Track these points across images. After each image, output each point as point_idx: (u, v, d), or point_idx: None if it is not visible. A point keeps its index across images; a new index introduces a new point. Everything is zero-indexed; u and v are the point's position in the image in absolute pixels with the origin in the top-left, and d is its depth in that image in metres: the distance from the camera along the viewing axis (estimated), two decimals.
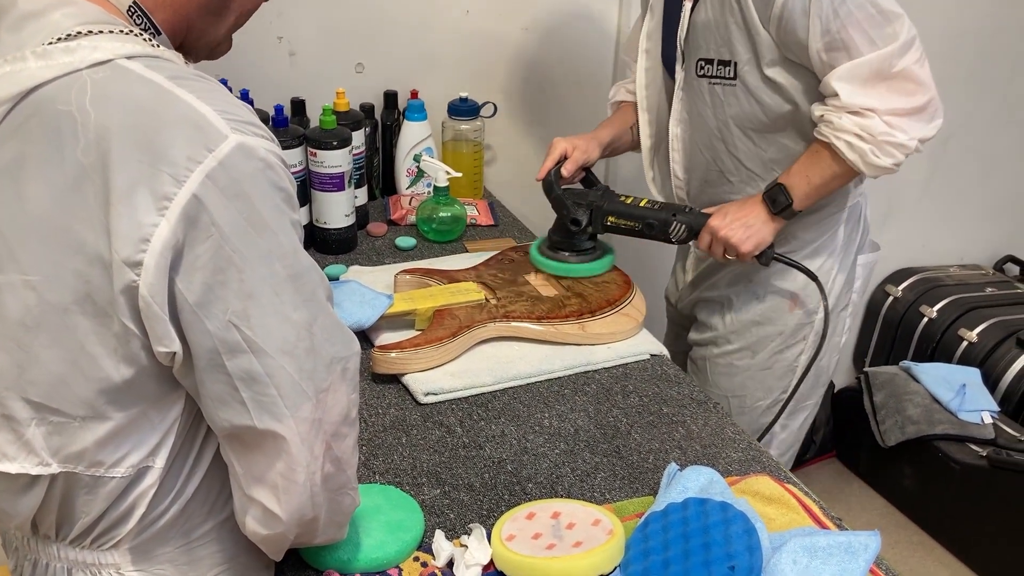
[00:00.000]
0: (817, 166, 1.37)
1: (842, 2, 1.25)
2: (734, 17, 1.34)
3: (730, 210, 1.42)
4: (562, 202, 1.51)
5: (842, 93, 1.29)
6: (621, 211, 1.49)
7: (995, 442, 2.23)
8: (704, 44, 1.41)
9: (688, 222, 1.44)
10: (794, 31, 1.29)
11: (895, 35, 1.27)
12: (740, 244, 1.40)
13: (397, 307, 1.39)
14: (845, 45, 1.27)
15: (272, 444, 0.76)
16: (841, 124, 1.31)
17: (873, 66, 1.27)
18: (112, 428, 0.77)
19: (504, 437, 1.21)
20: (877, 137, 1.30)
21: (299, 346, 0.75)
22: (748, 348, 1.59)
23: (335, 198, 1.63)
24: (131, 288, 0.70)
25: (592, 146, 1.57)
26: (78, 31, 0.73)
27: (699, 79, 1.44)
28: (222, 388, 0.74)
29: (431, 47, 1.95)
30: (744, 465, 1.18)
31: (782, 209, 1.39)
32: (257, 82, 1.78)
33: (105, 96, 0.70)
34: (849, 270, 1.58)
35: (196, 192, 0.68)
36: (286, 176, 0.75)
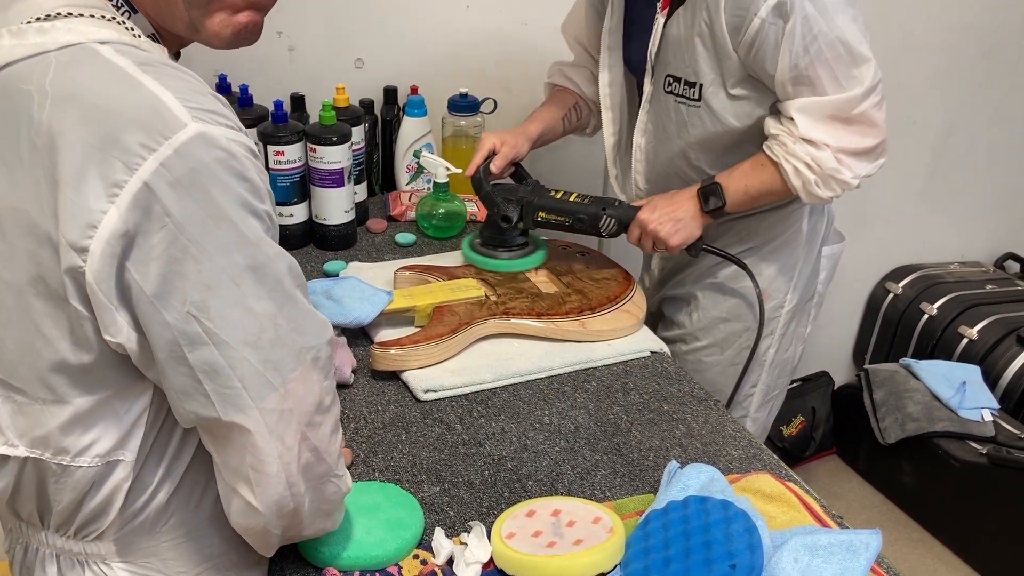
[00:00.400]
0: (758, 177, 1.39)
1: (814, 39, 1.26)
2: (702, 38, 1.35)
3: (659, 203, 1.43)
4: (492, 199, 1.51)
5: (800, 124, 1.32)
6: (551, 206, 1.49)
7: (995, 439, 2.23)
8: (674, 60, 1.41)
9: (617, 216, 1.45)
10: (763, 60, 1.30)
11: (860, 79, 1.29)
12: (668, 238, 1.41)
13: (397, 303, 1.38)
14: (811, 81, 1.30)
15: (239, 437, 0.75)
16: (794, 150, 1.33)
17: (834, 106, 1.30)
18: (73, 413, 0.76)
19: (504, 434, 1.20)
20: (824, 170, 1.33)
21: (263, 337, 0.74)
22: (716, 344, 1.60)
23: (334, 194, 1.63)
24: (77, 272, 0.69)
25: (521, 141, 1.56)
26: (58, 12, 0.73)
27: (666, 95, 1.44)
28: (184, 380, 0.73)
29: (431, 43, 1.94)
30: (745, 463, 1.17)
31: (713, 209, 1.41)
32: (256, 77, 1.78)
33: (65, 77, 0.69)
34: (814, 262, 1.60)
35: (148, 181, 0.67)
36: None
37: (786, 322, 1.58)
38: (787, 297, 1.57)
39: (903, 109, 2.49)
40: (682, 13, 1.36)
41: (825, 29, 1.26)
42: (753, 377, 1.61)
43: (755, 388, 1.62)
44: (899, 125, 2.55)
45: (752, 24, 1.27)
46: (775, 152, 1.36)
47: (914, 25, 2.42)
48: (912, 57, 2.45)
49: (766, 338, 1.58)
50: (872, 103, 1.31)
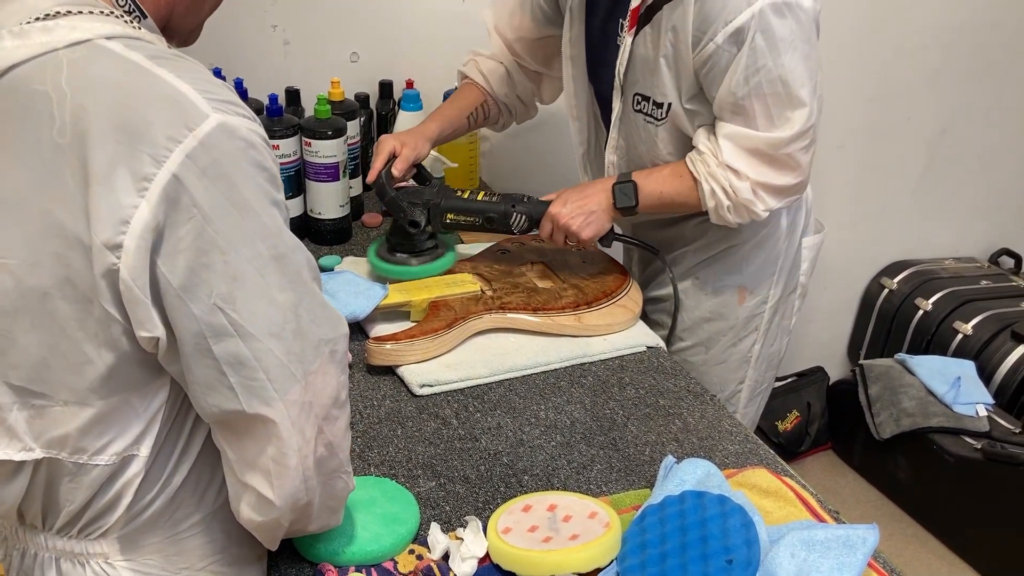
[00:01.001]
0: (675, 186, 1.39)
1: (756, 72, 1.26)
2: (666, 59, 1.34)
3: (571, 197, 1.42)
4: (397, 204, 1.45)
5: (724, 150, 1.33)
6: (459, 207, 1.45)
7: (989, 435, 2.24)
8: (641, 79, 1.40)
9: (528, 211, 1.43)
10: (711, 82, 1.31)
11: (792, 122, 1.29)
12: (580, 231, 1.40)
13: (392, 298, 1.38)
14: (745, 112, 1.30)
15: (262, 429, 0.75)
16: (715, 172, 1.34)
17: (760, 143, 1.31)
18: (94, 415, 0.76)
19: (500, 429, 1.20)
20: (739, 198, 1.34)
21: (286, 328, 0.74)
22: (701, 344, 1.59)
23: (330, 188, 1.62)
24: (112, 272, 0.69)
25: (420, 142, 1.53)
26: (57, 11, 0.72)
27: (635, 113, 1.43)
28: (209, 373, 0.73)
29: (427, 36, 1.94)
30: (741, 458, 1.17)
31: (624, 208, 1.40)
32: (251, 71, 1.77)
33: (82, 75, 0.69)
34: (795, 255, 1.60)
35: (176, 172, 0.67)
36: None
37: (770, 317, 1.58)
38: (770, 292, 1.56)
39: (898, 106, 2.50)
40: (648, 32, 1.35)
41: (770, 65, 1.25)
42: (740, 374, 1.61)
43: (743, 384, 1.62)
44: (894, 122, 2.56)
45: (707, 47, 1.27)
46: (697, 169, 1.36)
47: (909, 24, 2.42)
48: (907, 55, 2.45)
49: (750, 334, 1.58)
50: (799, 147, 1.32)
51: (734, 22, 1.24)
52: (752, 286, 1.55)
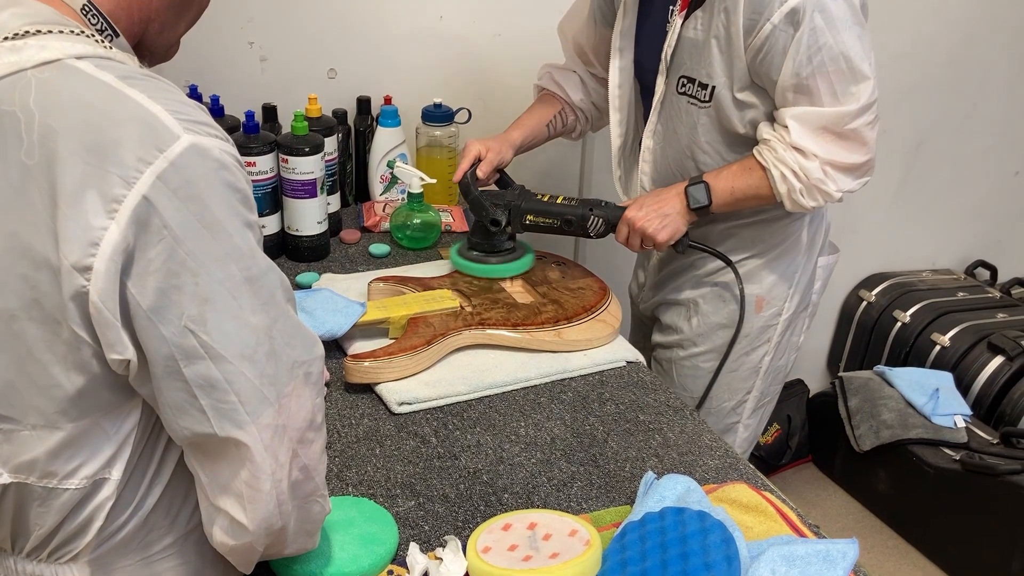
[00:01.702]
0: (745, 181, 1.40)
1: (818, 51, 1.28)
2: (718, 40, 1.36)
3: (646, 201, 1.45)
4: (480, 203, 1.51)
5: (792, 131, 1.33)
6: (539, 209, 1.50)
7: (968, 446, 2.25)
8: (689, 62, 1.41)
9: (605, 215, 1.46)
10: (769, 65, 1.32)
11: (858, 96, 1.31)
12: (656, 234, 1.42)
13: (370, 315, 1.37)
14: (810, 91, 1.31)
15: (235, 452, 0.74)
16: (783, 156, 1.35)
17: (828, 119, 1.32)
18: (64, 438, 0.74)
19: (480, 447, 1.19)
20: (811, 180, 1.35)
21: (259, 350, 0.73)
22: (715, 351, 1.60)
23: (307, 205, 1.61)
24: (81, 294, 0.68)
25: (505, 147, 1.57)
26: (27, 30, 0.71)
27: (679, 95, 1.45)
28: (180, 396, 0.72)
29: (404, 53, 1.93)
30: (721, 473, 1.17)
31: (698, 207, 1.42)
32: (228, 88, 1.76)
33: (51, 95, 0.68)
34: (811, 272, 1.61)
35: (146, 194, 0.66)
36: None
37: (782, 330, 1.59)
38: (785, 305, 1.58)
39: None
40: (700, 15, 1.37)
41: (831, 42, 1.28)
42: (748, 384, 1.61)
43: (749, 395, 1.63)
44: None
45: (764, 28, 1.29)
46: (764, 157, 1.37)
47: (884, 38, 2.44)
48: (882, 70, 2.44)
49: (762, 345, 1.59)
50: (865, 121, 1.33)
51: (789, 2, 1.26)
52: (769, 297, 1.56)
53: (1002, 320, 2.58)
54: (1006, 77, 2.69)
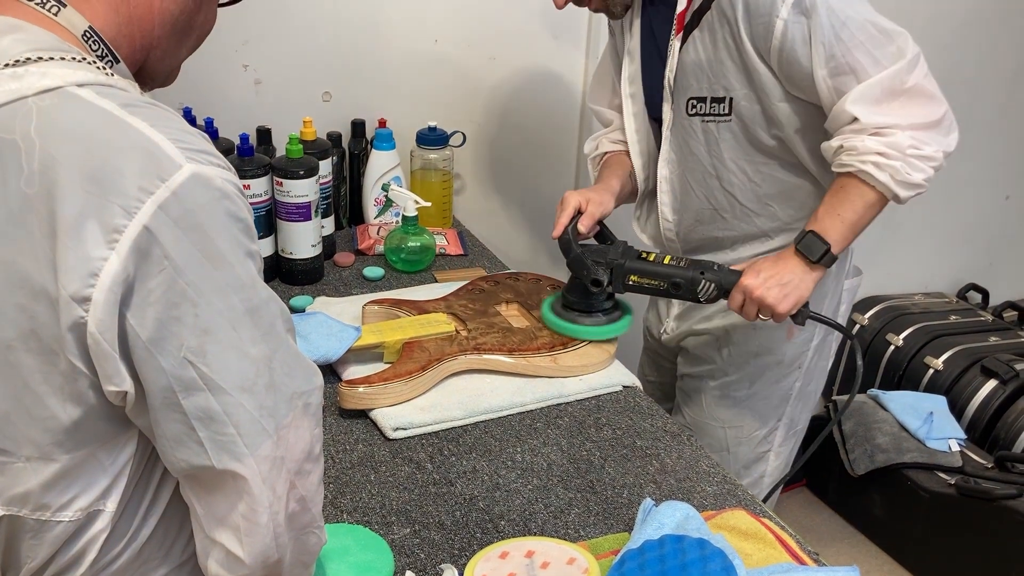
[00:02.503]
0: (846, 201, 1.32)
1: (843, 25, 1.24)
2: (730, 53, 1.33)
3: (763, 267, 1.35)
4: (582, 261, 1.41)
5: (860, 116, 1.26)
6: (644, 270, 1.39)
7: (963, 470, 2.24)
8: (695, 83, 1.39)
9: (717, 280, 1.36)
10: (797, 61, 1.28)
11: (901, 52, 1.26)
12: (777, 304, 1.32)
13: (365, 340, 1.36)
14: (852, 68, 1.26)
15: (232, 484, 0.73)
16: (865, 147, 1.27)
17: (885, 85, 1.26)
18: (59, 470, 0.73)
19: (476, 473, 1.18)
20: (905, 152, 1.27)
21: (258, 382, 0.72)
22: (746, 378, 1.57)
23: (301, 228, 1.61)
24: (79, 325, 0.67)
25: (606, 198, 1.50)
26: (27, 57, 0.71)
27: (690, 118, 1.42)
28: (178, 428, 0.71)
29: (399, 76, 1.94)
30: (719, 499, 1.16)
31: (821, 256, 1.33)
32: (222, 111, 1.76)
33: (52, 124, 0.68)
34: (838, 295, 1.59)
35: (148, 224, 0.66)
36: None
37: (812, 355, 1.57)
38: (816, 330, 1.55)
39: None
40: (698, 35, 1.35)
41: (852, 14, 1.25)
42: (780, 411, 1.59)
43: (780, 422, 1.60)
44: None
45: (776, 27, 1.26)
46: (846, 163, 1.30)
47: None
48: None
49: (793, 371, 1.56)
50: (922, 72, 1.28)
51: None
52: (800, 328, 1.52)
53: (995, 343, 2.59)
54: (995, 102, 2.71)
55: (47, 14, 0.74)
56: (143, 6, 0.79)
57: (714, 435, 1.62)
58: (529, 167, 2.14)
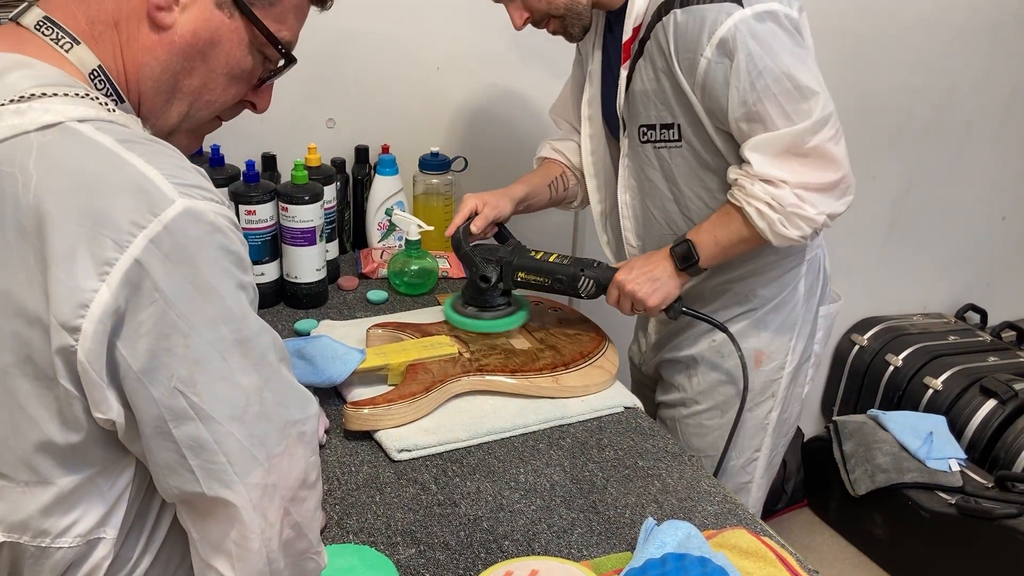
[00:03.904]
0: (726, 227, 1.38)
1: (759, 75, 1.27)
2: (669, 82, 1.36)
3: (636, 264, 1.44)
4: (471, 259, 1.50)
5: (754, 163, 1.31)
6: (530, 266, 1.48)
7: (963, 490, 2.25)
8: (644, 111, 1.42)
9: (596, 277, 1.45)
10: (716, 99, 1.32)
11: (809, 112, 1.29)
12: (647, 298, 1.40)
13: (369, 362, 1.38)
14: (761, 118, 1.30)
15: (224, 511, 0.74)
16: (753, 191, 1.33)
17: (786, 141, 1.30)
18: (57, 494, 0.74)
19: (480, 494, 1.19)
20: (786, 208, 1.31)
21: (248, 411, 0.73)
22: (717, 407, 1.58)
23: (306, 252, 1.63)
24: (69, 351, 0.68)
25: (504, 202, 1.56)
26: (32, 93, 0.73)
27: (643, 144, 1.45)
28: (169, 455, 0.72)
29: (402, 102, 1.97)
30: (720, 518, 1.17)
31: (686, 266, 1.41)
32: (228, 137, 1.77)
33: (50, 158, 0.69)
34: (812, 322, 1.59)
35: (138, 257, 0.67)
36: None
37: (787, 383, 1.57)
38: (787, 358, 1.56)
39: (864, 166, 2.55)
40: (643, 64, 1.38)
41: (770, 64, 1.27)
42: (757, 441, 1.59)
43: (759, 452, 1.60)
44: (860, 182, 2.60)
45: (700, 64, 1.29)
46: (736, 197, 1.35)
47: (871, 87, 2.50)
48: (870, 117, 2.53)
49: (767, 400, 1.57)
50: (826, 136, 1.30)
51: (717, 33, 1.26)
52: (769, 351, 1.54)
53: (993, 363, 2.60)
54: (991, 124, 2.74)
55: (59, 50, 0.76)
56: (130, 57, 0.79)
57: None
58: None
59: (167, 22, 0.79)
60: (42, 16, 0.77)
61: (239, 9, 0.82)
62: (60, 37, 0.77)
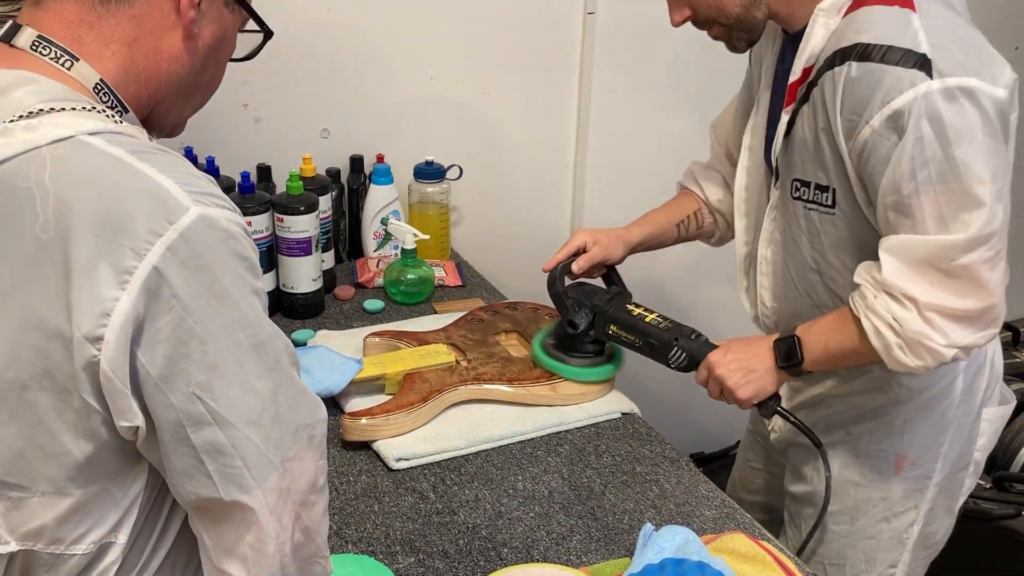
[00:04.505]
0: (840, 333, 1.19)
1: (924, 164, 1.05)
2: (829, 141, 1.15)
3: (734, 347, 1.27)
4: (561, 301, 1.39)
5: (885, 267, 1.10)
6: (624, 321, 1.36)
7: None
8: (800, 163, 1.21)
9: (690, 351, 1.30)
10: (871, 176, 1.10)
11: (967, 224, 1.06)
12: (736, 389, 1.24)
13: (367, 372, 1.38)
14: (912, 213, 1.08)
15: (240, 516, 0.75)
16: (873, 305, 1.12)
17: (929, 250, 1.08)
18: (72, 504, 0.75)
19: (478, 501, 1.20)
20: (907, 331, 1.10)
21: (264, 416, 0.74)
22: (847, 512, 1.35)
23: (302, 263, 1.63)
24: (92, 363, 0.69)
25: (616, 245, 1.42)
26: (40, 108, 0.74)
27: (794, 200, 1.24)
28: (187, 461, 0.73)
29: (396, 112, 1.97)
30: (719, 523, 1.18)
31: (790, 365, 1.23)
32: (223, 149, 1.79)
33: (65, 172, 0.70)
34: (971, 426, 1.33)
35: (157, 265, 0.68)
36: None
37: (934, 495, 1.33)
38: (936, 466, 1.32)
39: None
40: (806, 111, 1.17)
41: (940, 155, 1.04)
42: (893, 556, 1.36)
43: (894, 569, 1.37)
44: None
45: (863, 132, 1.08)
46: (856, 305, 1.15)
47: None
48: None
49: (909, 511, 1.34)
50: (980, 258, 1.06)
51: (892, 104, 1.04)
52: (914, 455, 1.31)
53: None
54: None
55: (60, 68, 0.77)
56: (151, 67, 0.81)
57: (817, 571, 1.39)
58: (524, 199, 2.17)
59: (196, 32, 0.83)
60: (36, 36, 0.77)
61: (237, 2, 0.86)
62: (59, 55, 0.78)
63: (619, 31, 2.06)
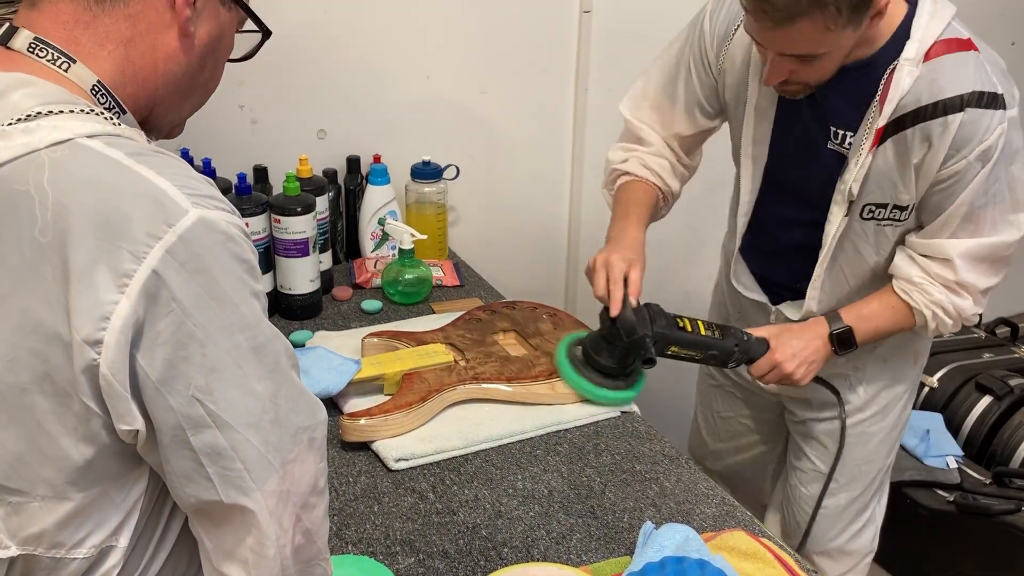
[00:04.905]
0: (890, 320, 1.41)
1: (995, 181, 1.28)
2: (916, 165, 1.30)
3: (792, 344, 1.41)
4: (644, 344, 1.34)
5: (960, 269, 1.33)
6: (685, 340, 1.38)
7: (961, 487, 2.25)
8: (878, 190, 1.35)
9: (746, 351, 1.41)
10: (951, 193, 1.29)
11: (1018, 225, 1.32)
12: (803, 379, 1.42)
13: (365, 372, 1.38)
14: (977, 221, 1.31)
15: (240, 518, 0.75)
16: (938, 298, 1.35)
17: (989, 250, 1.33)
18: (73, 508, 0.75)
19: (477, 501, 1.20)
20: (964, 316, 1.37)
21: (264, 418, 0.74)
22: (880, 412, 1.59)
23: (299, 264, 1.63)
24: (92, 367, 0.69)
25: (640, 255, 1.44)
26: (38, 111, 0.73)
27: (864, 221, 1.38)
28: (187, 464, 0.73)
29: (392, 112, 1.97)
30: (719, 520, 1.18)
31: (846, 350, 1.43)
32: (219, 151, 1.78)
33: (63, 175, 0.70)
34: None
35: (156, 268, 0.68)
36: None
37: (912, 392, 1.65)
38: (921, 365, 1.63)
39: None
40: (890, 145, 1.30)
41: (1002, 173, 1.28)
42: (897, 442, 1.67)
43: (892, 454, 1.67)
44: None
45: (958, 163, 1.26)
46: (914, 299, 1.37)
47: None
48: None
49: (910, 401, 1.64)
50: (1014, 249, 1.35)
51: (987, 141, 1.25)
52: (922, 348, 1.59)
53: (988, 360, 2.61)
54: None
55: (57, 70, 0.77)
56: (147, 67, 0.81)
57: None
58: (522, 198, 2.17)
59: (192, 30, 0.82)
60: (33, 38, 0.77)
61: (234, 0, 0.86)
62: (56, 57, 0.77)
63: (615, 29, 2.06)
